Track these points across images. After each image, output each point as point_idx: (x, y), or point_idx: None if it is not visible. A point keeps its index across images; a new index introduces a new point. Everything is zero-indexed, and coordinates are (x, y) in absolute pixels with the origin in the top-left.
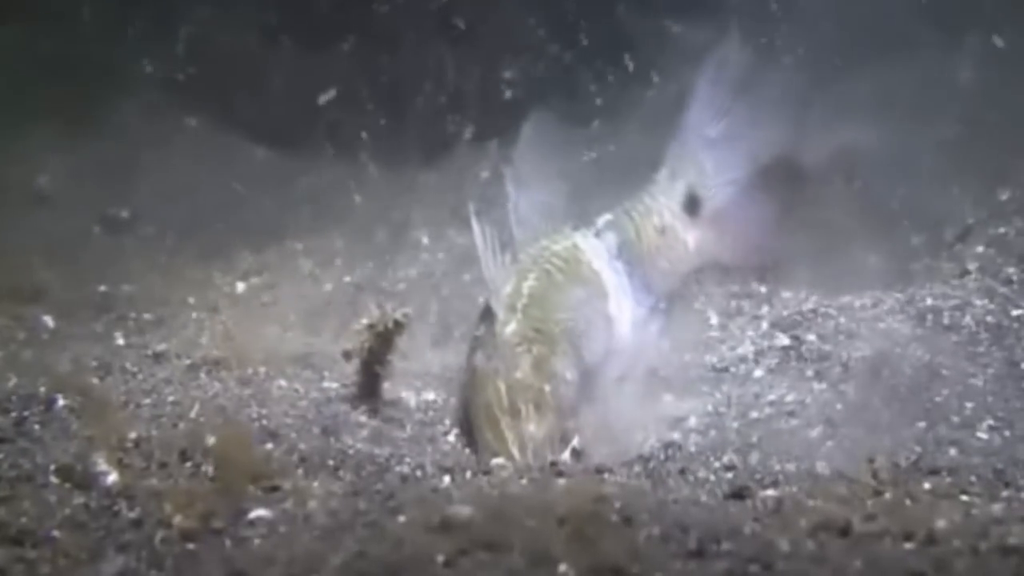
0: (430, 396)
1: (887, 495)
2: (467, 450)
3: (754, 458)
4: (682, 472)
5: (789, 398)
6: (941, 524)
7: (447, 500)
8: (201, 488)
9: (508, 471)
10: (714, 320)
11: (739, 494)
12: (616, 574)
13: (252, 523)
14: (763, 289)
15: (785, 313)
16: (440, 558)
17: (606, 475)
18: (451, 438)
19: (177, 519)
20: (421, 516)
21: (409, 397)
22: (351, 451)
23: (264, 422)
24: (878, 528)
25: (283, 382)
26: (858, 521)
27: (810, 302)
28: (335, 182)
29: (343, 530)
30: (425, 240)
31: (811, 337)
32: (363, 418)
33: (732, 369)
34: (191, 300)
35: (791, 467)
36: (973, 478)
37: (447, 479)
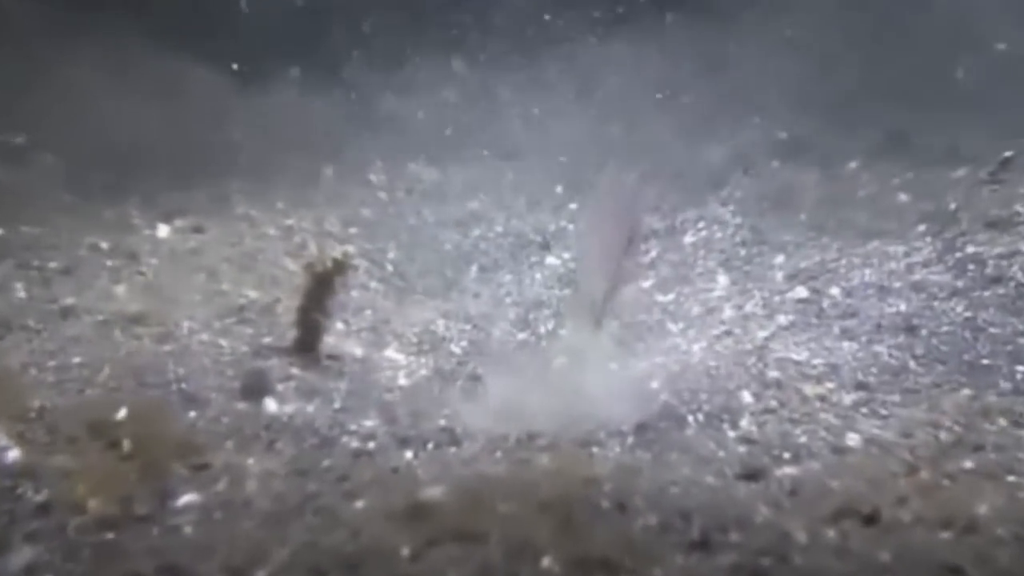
0: (387, 352)
1: (923, 474)
2: None
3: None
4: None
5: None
6: (983, 510)
7: (412, 481)
8: (117, 467)
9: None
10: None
11: (751, 474)
12: (606, 569)
13: (182, 509)
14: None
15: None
16: (405, 551)
17: (595, 449)
18: (390, 396)
19: (92, 503)
20: (382, 500)
21: (355, 351)
22: (285, 419)
23: (183, 385)
24: (911, 515)
25: (205, 336)
26: (888, 506)
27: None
28: (284, 112)
29: (290, 517)
30: (383, 177)
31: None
32: (295, 371)
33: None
34: (104, 245)
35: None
36: (1022, 455)
37: (408, 454)
